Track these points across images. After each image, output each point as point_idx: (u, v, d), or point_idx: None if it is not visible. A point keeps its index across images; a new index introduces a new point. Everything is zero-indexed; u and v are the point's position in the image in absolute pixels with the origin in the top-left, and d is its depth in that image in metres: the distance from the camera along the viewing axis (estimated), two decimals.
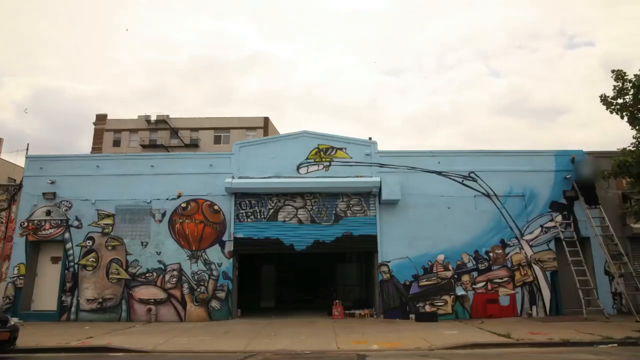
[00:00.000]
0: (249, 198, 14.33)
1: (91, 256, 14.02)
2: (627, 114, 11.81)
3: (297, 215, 14.28)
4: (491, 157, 14.84)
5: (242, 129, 38.22)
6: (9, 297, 13.70)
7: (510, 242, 14.03)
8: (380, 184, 13.88)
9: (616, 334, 9.80)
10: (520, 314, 13.48)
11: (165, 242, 14.06)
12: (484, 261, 13.86)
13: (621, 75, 11.65)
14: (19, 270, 13.95)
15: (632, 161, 11.35)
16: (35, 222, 14.31)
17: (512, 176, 14.49)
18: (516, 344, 9.31)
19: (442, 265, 13.81)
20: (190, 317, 13.51)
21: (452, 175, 14.51)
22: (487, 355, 8.61)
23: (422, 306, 13.47)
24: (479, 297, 13.60)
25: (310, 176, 14.42)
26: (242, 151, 14.80)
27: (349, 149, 14.73)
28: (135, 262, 13.94)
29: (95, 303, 13.66)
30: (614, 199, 14.55)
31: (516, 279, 13.75)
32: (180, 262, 13.89)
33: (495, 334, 10.21)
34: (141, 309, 13.60)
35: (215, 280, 13.77)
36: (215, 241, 14.05)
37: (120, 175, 14.58)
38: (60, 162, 14.92)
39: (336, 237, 14.05)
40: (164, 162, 15.00)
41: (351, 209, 14.29)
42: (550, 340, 9.43)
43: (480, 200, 14.30)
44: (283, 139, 15.31)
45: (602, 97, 12.00)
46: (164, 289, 13.74)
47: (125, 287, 13.76)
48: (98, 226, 14.25)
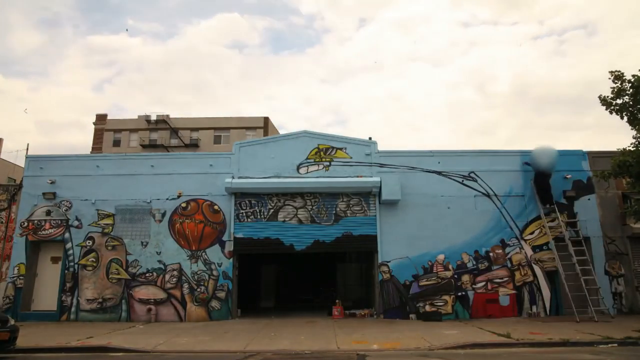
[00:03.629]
0: (249, 198, 14.34)
1: (91, 256, 14.03)
2: (626, 114, 11.84)
3: (297, 215, 14.28)
4: (491, 157, 14.83)
5: (241, 129, 38.31)
6: (9, 297, 13.69)
7: (510, 242, 14.04)
8: (380, 184, 13.89)
9: (616, 334, 9.82)
10: (520, 314, 13.49)
11: (165, 242, 14.06)
12: (484, 261, 13.87)
13: (619, 75, 11.69)
14: (19, 270, 13.95)
15: (632, 161, 11.37)
16: (35, 222, 14.30)
17: (512, 176, 14.50)
18: (516, 344, 9.33)
19: (442, 265, 13.82)
20: (190, 317, 13.51)
21: (452, 175, 14.52)
22: (487, 355, 8.61)
23: (422, 306, 13.47)
24: (479, 297, 13.61)
25: (310, 176, 14.43)
26: (242, 151, 14.80)
27: (349, 148, 14.74)
28: (135, 262, 13.94)
29: (95, 303, 13.66)
30: (614, 199, 14.57)
31: (516, 279, 13.76)
32: (180, 262, 13.89)
33: (495, 334, 10.22)
34: (141, 309, 13.60)
35: (215, 280, 13.77)
36: (215, 241, 14.06)
37: (120, 175, 14.58)
38: (60, 162, 14.91)
39: (336, 237, 14.06)
40: (164, 162, 15.00)
41: (351, 208, 14.30)
42: (550, 340, 9.45)
43: (480, 200, 14.31)
44: (283, 139, 15.31)
45: (602, 97, 12.06)
46: (164, 289, 13.74)
47: (125, 287, 13.77)
48: (98, 226, 14.25)
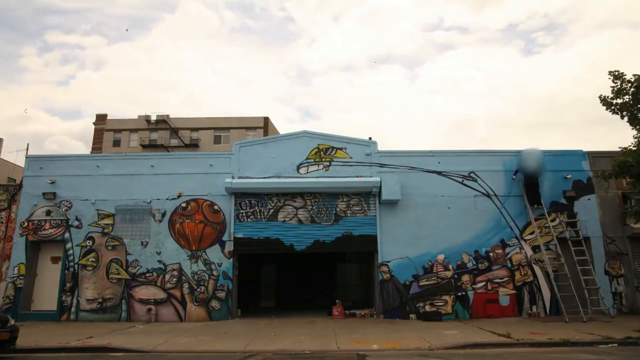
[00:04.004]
0: (249, 198, 14.34)
1: (91, 256, 14.03)
2: (627, 114, 11.83)
3: (297, 215, 14.28)
4: (491, 157, 14.83)
5: (242, 129, 38.30)
6: (9, 297, 13.69)
7: (510, 242, 14.04)
8: (380, 184, 13.89)
9: (616, 334, 9.82)
10: (520, 314, 13.49)
11: (165, 242, 14.06)
12: (484, 261, 13.87)
13: (619, 75, 11.68)
14: (19, 270, 13.95)
15: (632, 161, 11.35)
16: (35, 222, 14.30)
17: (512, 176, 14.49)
18: (516, 344, 9.33)
19: (442, 265, 13.82)
20: (190, 317, 13.51)
21: (452, 175, 14.51)
22: (487, 355, 8.61)
23: (422, 306, 13.47)
24: (479, 297, 13.61)
25: (310, 176, 14.43)
26: (242, 151, 14.80)
27: (349, 148, 14.73)
28: (135, 262, 13.94)
29: (95, 303, 13.66)
30: (614, 199, 14.56)
31: (516, 279, 13.76)
32: (180, 262, 13.89)
33: (495, 334, 10.22)
34: (141, 309, 13.60)
35: (215, 280, 13.77)
36: (215, 241, 14.05)
37: (120, 175, 14.58)
38: (60, 162, 14.91)
39: (336, 237, 14.06)
40: (164, 162, 14.99)
41: (351, 208, 14.30)
42: (550, 340, 9.45)
43: (480, 200, 14.31)
44: (283, 139, 15.30)
45: (602, 97, 12.05)
46: (164, 289, 13.74)
47: (125, 287, 13.76)
48: (98, 226, 14.25)
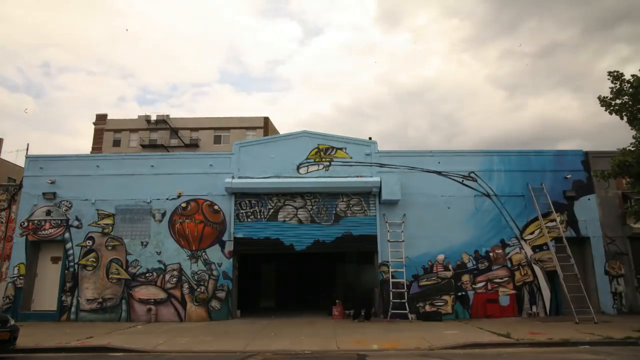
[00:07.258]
0: (249, 198, 14.33)
1: (91, 256, 14.02)
2: (626, 114, 11.83)
3: (297, 215, 14.28)
4: (491, 157, 14.83)
5: (242, 129, 38.31)
6: (9, 297, 13.69)
7: (510, 242, 14.04)
8: (380, 183, 13.89)
9: (616, 334, 9.81)
10: (520, 314, 13.49)
11: (165, 242, 14.06)
12: (484, 261, 13.87)
13: (618, 76, 11.68)
14: (19, 270, 13.95)
15: (632, 161, 11.36)
16: (35, 222, 14.30)
17: (512, 176, 14.50)
18: (516, 344, 9.33)
19: (442, 265, 13.81)
20: (190, 317, 13.51)
21: (452, 175, 14.51)
22: (487, 355, 8.61)
23: (422, 306, 13.47)
24: (479, 297, 13.61)
25: (310, 176, 14.42)
26: (242, 151, 14.80)
27: (349, 148, 14.73)
28: (135, 262, 13.94)
29: (95, 303, 13.66)
30: (614, 199, 14.56)
31: (516, 279, 13.76)
32: (180, 262, 13.89)
33: (495, 334, 10.22)
34: (141, 309, 13.60)
35: (215, 280, 13.77)
36: (215, 241, 14.05)
37: (120, 175, 14.58)
38: (60, 162, 14.91)
39: (336, 237, 14.06)
40: (164, 162, 14.99)
41: (351, 208, 14.29)
42: (550, 340, 9.44)
43: (480, 200, 14.31)
44: (283, 139, 15.30)
45: (601, 98, 12.05)
46: (164, 289, 13.74)
47: (125, 287, 13.76)
48: (98, 226, 14.25)
